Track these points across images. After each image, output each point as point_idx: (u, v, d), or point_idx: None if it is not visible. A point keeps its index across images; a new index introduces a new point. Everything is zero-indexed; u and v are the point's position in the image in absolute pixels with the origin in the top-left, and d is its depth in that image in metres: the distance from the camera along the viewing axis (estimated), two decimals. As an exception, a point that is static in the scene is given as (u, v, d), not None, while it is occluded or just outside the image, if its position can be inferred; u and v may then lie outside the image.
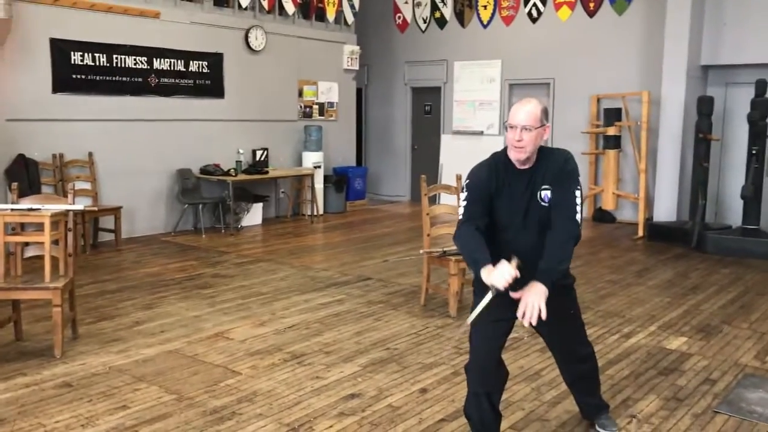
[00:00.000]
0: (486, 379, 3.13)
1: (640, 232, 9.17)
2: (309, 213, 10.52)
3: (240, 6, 9.93)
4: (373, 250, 8.21)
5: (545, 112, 3.00)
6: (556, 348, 3.43)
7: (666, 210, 9.38)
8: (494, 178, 3.00)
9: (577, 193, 2.99)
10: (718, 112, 9.18)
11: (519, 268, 2.82)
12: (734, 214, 9.12)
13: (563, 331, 3.31)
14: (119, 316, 5.42)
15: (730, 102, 9.46)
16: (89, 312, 5.49)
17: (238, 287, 6.38)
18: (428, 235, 5.74)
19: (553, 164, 3.01)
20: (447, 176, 11.54)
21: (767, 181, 8.69)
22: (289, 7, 10.53)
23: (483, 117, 11.80)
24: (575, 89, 10.59)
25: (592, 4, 10.46)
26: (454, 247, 5.68)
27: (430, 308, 5.72)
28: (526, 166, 3.01)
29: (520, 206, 3.00)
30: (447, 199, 10.52)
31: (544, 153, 3.04)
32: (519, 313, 2.85)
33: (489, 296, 2.85)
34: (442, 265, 5.69)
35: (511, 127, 2.95)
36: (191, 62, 9.31)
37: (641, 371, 4.39)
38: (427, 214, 5.72)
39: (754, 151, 8.18)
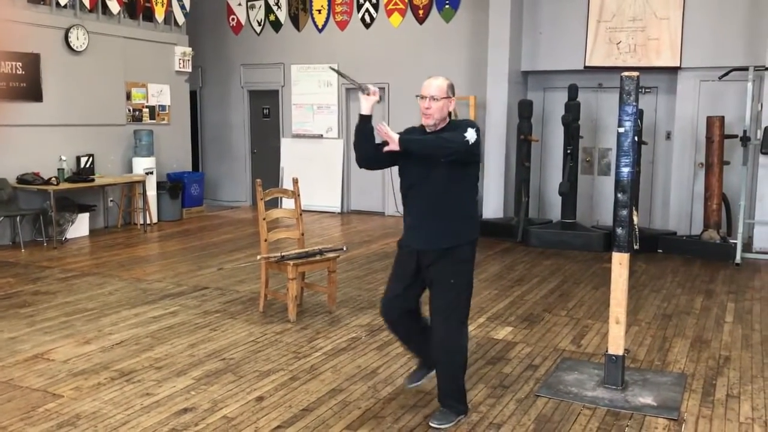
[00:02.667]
0: (384, 308, 3.82)
1: (472, 230, 9.61)
2: (141, 222, 10.03)
3: (58, 4, 9.28)
4: (210, 258, 7.99)
5: (451, 87, 3.54)
6: (430, 309, 3.66)
7: (494, 207, 9.93)
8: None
9: (469, 130, 3.42)
10: (538, 114, 9.86)
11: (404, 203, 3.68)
12: (554, 209, 9.83)
13: (436, 294, 3.60)
14: None
15: (548, 105, 10.19)
16: None
17: (61, 304, 5.95)
18: (265, 240, 5.67)
19: (456, 127, 3.51)
20: (288, 180, 11.48)
21: (582, 178, 9.48)
22: (114, 6, 9.98)
23: (322, 120, 11.86)
24: (408, 93, 10.88)
25: (421, 12, 10.85)
26: (293, 252, 5.68)
27: (269, 314, 5.66)
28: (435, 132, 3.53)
29: (422, 164, 3.49)
30: (287, 203, 10.48)
31: (452, 122, 3.57)
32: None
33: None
34: (280, 270, 5.65)
35: (422, 98, 3.50)
36: (2, 63, 8.57)
37: (471, 362, 4.58)
38: (264, 218, 5.66)
39: (568, 151, 8.87)
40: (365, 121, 3.69)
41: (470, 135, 3.41)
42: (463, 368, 3.72)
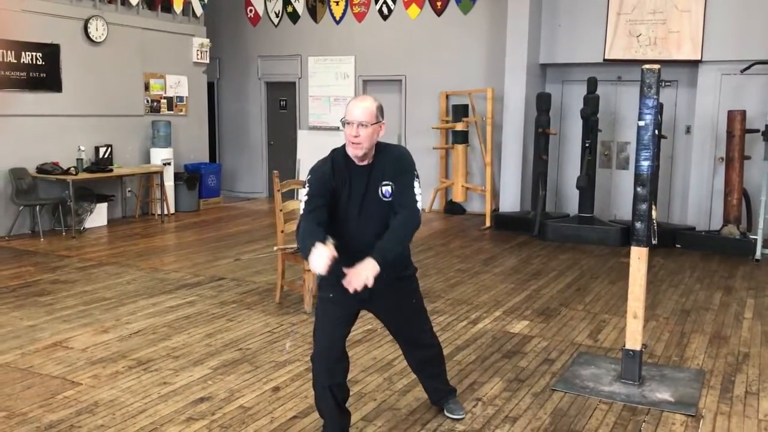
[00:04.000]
0: (330, 372, 3.17)
1: (488, 223, 9.61)
2: (159, 212, 10.09)
3: (78, -6, 9.34)
4: (227, 249, 8.03)
5: (380, 110, 3.08)
6: (401, 337, 3.53)
7: (510, 201, 9.90)
8: (335, 174, 3.08)
9: (416, 183, 3.12)
10: (556, 107, 9.80)
11: (337, 247, 2.88)
12: (572, 203, 9.77)
13: (407, 320, 3.43)
14: (-59, 331, 4.95)
15: (566, 98, 10.12)
16: None
17: (79, 293, 6.01)
18: (282, 231, 5.69)
19: (389, 159, 3.13)
20: (305, 172, 11.49)
21: (600, 172, 9.41)
22: (133, -3, 10.04)
23: (339, 112, 11.84)
24: (425, 86, 10.89)
25: (439, 3, 10.79)
26: (308, 243, 5.68)
27: (285, 306, 5.68)
28: (365, 162, 3.11)
29: (357, 201, 3.10)
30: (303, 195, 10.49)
31: (380, 148, 3.14)
32: (345, 281, 2.90)
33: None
34: (296, 262, 5.67)
35: (348, 123, 3.01)
36: (23, 53, 8.64)
37: (486, 355, 4.59)
38: (281, 210, 5.67)
39: (587, 144, 8.80)
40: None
41: (417, 190, 3.10)
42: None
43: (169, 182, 10.39)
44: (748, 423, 3.64)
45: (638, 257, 4.02)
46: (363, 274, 2.87)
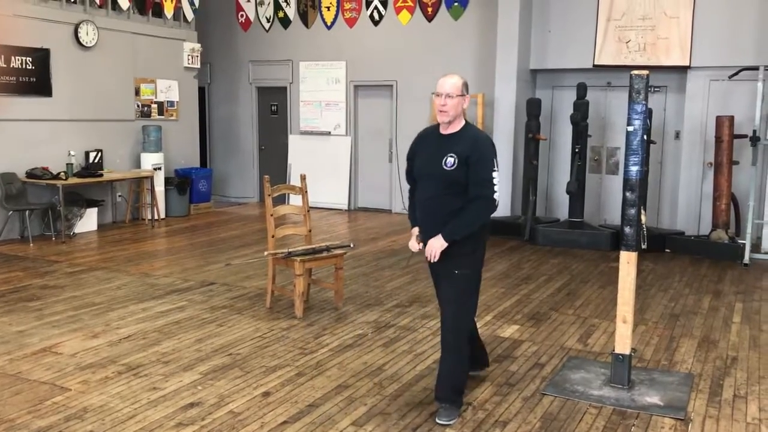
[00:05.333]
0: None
1: (479, 228, 9.61)
2: (149, 217, 10.07)
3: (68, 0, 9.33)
4: (217, 254, 8.01)
5: (466, 86, 3.61)
6: (440, 301, 3.82)
7: (501, 206, 9.78)
8: (420, 142, 3.76)
9: (494, 172, 3.56)
10: (546, 113, 9.84)
11: (420, 239, 3.74)
12: (562, 208, 9.81)
13: (444, 285, 3.73)
14: (-72, 337, 4.91)
15: (556, 104, 10.17)
16: None
17: (69, 298, 5.98)
18: (272, 236, 5.68)
19: (469, 138, 3.59)
20: (296, 177, 11.50)
21: (589, 177, 9.45)
22: (123, 2, 10.01)
23: (330, 117, 11.86)
24: (416, 91, 10.91)
25: (430, 9, 10.83)
26: (300, 248, 5.69)
27: (275, 311, 5.67)
28: (449, 131, 3.61)
29: (426, 165, 3.65)
30: (294, 200, 10.49)
31: (467, 127, 3.65)
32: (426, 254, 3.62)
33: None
34: (287, 266, 5.66)
35: (438, 95, 3.57)
36: (13, 58, 8.61)
37: (477, 360, 4.60)
38: (271, 215, 5.67)
39: (576, 150, 8.84)
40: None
41: (494, 173, 3.54)
42: (468, 358, 3.77)
43: (160, 187, 10.37)
44: (737, 426, 3.66)
45: (627, 262, 4.04)
46: (433, 248, 3.56)
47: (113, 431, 3.47)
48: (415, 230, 3.77)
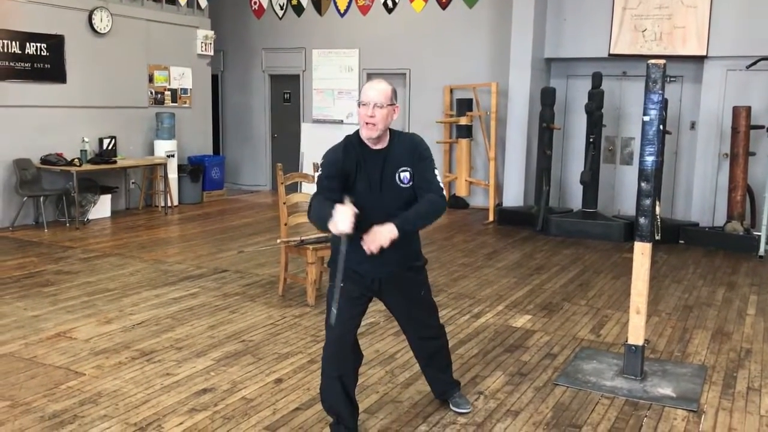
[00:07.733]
0: (340, 362, 3.22)
1: (491, 217, 9.61)
2: (162, 204, 10.11)
3: (82, -15, 9.34)
4: (230, 241, 8.04)
5: (395, 93, 3.13)
6: (409, 328, 3.54)
7: (514, 195, 9.88)
8: (350, 158, 3.10)
9: (436, 171, 3.18)
10: (560, 102, 9.77)
11: (354, 204, 2.96)
12: (575, 198, 9.75)
13: (415, 311, 3.45)
14: (-55, 320, 4.97)
15: (571, 93, 10.09)
16: None
17: (83, 284, 6.02)
18: (285, 224, 5.69)
19: (406, 146, 3.16)
20: (308, 165, 11.49)
21: (603, 167, 9.39)
22: (137, -11, 10.03)
23: (342, 106, 11.84)
24: (430, 80, 10.87)
25: (444, -3, 10.76)
26: (312, 236, 5.70)
27: (288, 298, 5.69)
28: (379, 146, 3.13)
29: (374, 187, 3.12)
30: (307, 188, 10.49)
31: (395, 135, 3.18)
32: (363, 243, 3.00)
33: (343, 250, 2.97)
34: (300, 254, 5.67)
35: (364, 104, 3.04)
36: (28, 44, 8.64)
37: (489, 349, 4.60)
38: (284, 203, 5.67)
39: (591, 140, 8.78)
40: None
41: (439, 177, 3.18)
42: None
43: (173, 174, 10.40)
44: (750, 419, 3.64)
45: (641, 253, 4.02)
46: (381, 235, 2.96)
47: (127, 416, 3.51)
48: (347, 201, 2.99)
